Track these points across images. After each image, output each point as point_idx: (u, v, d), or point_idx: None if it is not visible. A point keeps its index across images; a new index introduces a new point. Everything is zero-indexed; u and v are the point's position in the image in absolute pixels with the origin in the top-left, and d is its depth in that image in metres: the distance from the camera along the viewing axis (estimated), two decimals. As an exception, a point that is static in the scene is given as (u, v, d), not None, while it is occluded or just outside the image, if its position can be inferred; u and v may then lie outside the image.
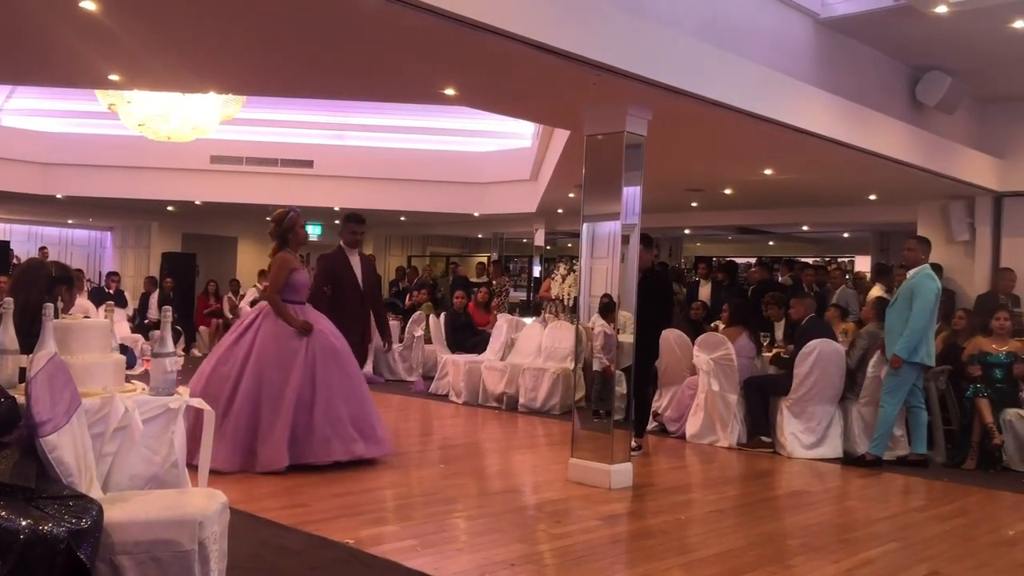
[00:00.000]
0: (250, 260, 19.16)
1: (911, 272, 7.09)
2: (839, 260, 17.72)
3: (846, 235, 16.82)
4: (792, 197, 11.78)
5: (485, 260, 17.57)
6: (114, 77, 6.63)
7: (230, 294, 15.50)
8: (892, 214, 11.87)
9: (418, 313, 12.17)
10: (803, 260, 15.16)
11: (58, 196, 14.67)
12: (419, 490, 5.66)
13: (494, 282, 13.38)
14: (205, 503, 2.88)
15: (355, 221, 7.02)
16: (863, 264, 16.61)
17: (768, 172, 9.45)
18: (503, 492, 5.89)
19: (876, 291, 8.60)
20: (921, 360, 6.92)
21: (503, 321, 10.67)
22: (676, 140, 7.40)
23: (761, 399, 7.60)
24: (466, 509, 5.26)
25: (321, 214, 16.88)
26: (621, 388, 6.65)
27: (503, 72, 5.68)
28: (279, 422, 5.73)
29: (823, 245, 18.70)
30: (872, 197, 11.21)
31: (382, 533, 4.58)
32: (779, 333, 8.61)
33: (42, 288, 3.52)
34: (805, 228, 15.52)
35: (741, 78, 6.22)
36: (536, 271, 16.28)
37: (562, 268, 10.93)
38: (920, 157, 8.23)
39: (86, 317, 4.06)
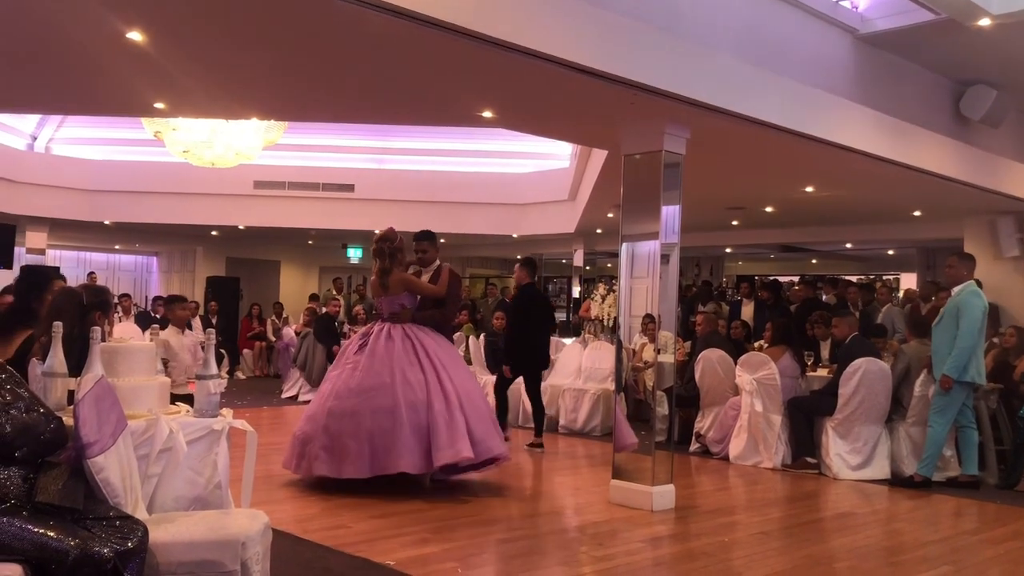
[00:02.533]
0: (293, 284, 19.40)
1: (956, 289, 6.96)
2: (884, 278, 17.45)
3: (891, 252, 16.57)
4: (835, 214, 11.65)
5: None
6: (160, 105, 6.79)
7: (273, 317, 15.68)
8: (938, 230, 11.68)
9: (458, 334, 12.19)
10: (847, 278, 14.96)
11: (106, 222, 15.01)
12: (459, 512, 5.64)
13: None
14: (248, 524, 2.90)
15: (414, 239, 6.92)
16: (908, 281, 16.32)
17: (810, 189, 9.36)
18: (544, 514, 5.86)
19: None
20: (971, 379, 6.77)
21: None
22: (715, 158, 7.37)
23: (806, 420, 7.48)
24: (507, 531, 5.24)
25: (362, 237, 17.05)
26: (663, 409, 6.61)
27: (541, 94, 5.71)
28: (484, 415, 6.18)
29: (867, 263, 18.42)
30: (917, 213, 11.04)
31: (423, 555, 4.57)
32: (825, 352, 8.48)
33: (74, 316, 3.57)
34: (849, 245, 15.31)
35: (780, 95, 6.18)
36: (575, 291, 16.25)
37: (601, 288, 10.92)
38: (966, 172, 8.09)
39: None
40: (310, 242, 18.82)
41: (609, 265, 19.21)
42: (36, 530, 2.46)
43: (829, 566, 4.73)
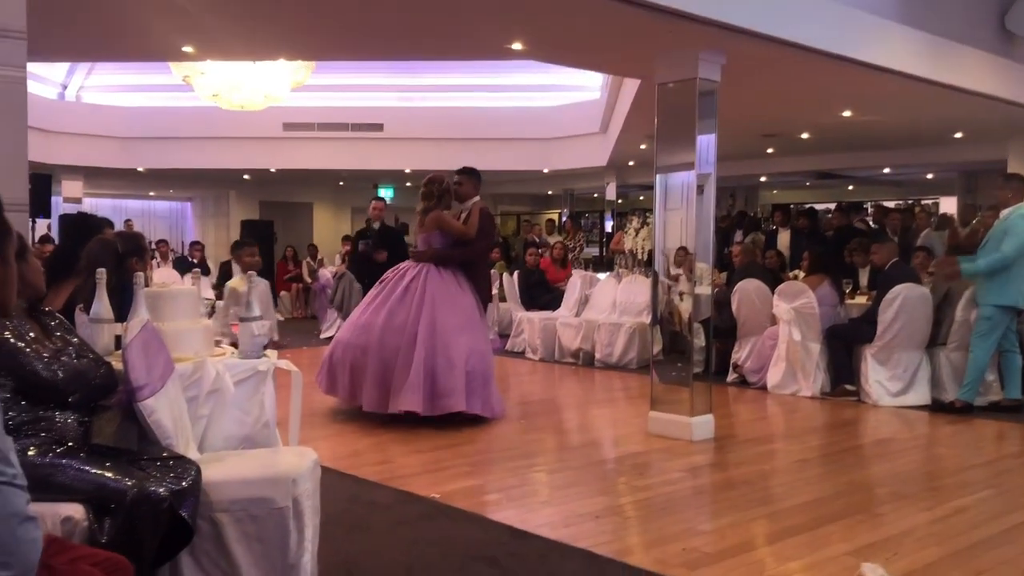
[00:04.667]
0: (326, 225, 19.49)
1: (1004, 212, 6.82)
2: (923, 202, 17.14)
3: (930, 176, 16.24)
4: (873, 139, 11.40)
5: (555, 217, 17.49)
6: (188, 49, 6.76)
7: (308, 259, 15.79)
8: (980, 152, 11.40)
9: (491, 271, 12.21)
10: (885, 204, 14.70)
11: (139, 169, 15.11)
12: (499, 446, 5.72)
13: (570, 241, 13.32)
14: (297, 461, 2.96)
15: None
16: (948, 205, 16.02)
17: (847, 114, 9.15)
18: (583, 446, 5.92)
19: None
20: (1013, 303, 6.67)
21: (577, 277, 10.65)
22: (750, 85, 7.22)
23: (844, 347, 7.44)
24: (547, 464, 5.31)
25: (393, 177, 17.02)
26: (699, 340, 6.61)
27: (571, 23, 5.60)
28: (455, 369, 6.02)
29: (906, 187, 18.10)
30: (958, 135, 10.78)
31: (466, 488, 4.66)
32: (864, 280, 8.39)
33: (111, 265, 3.60)
34: (887, 170, 15.03)
35: (818, 17, 6.00)
36: (608, 226, 16.17)
37: (635, 221, 10.82)
38: (1010, 90, 7.85)
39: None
40: (341, 183, 18.84)
41: (641, 198, 19.05)
42: (94, 471, 2.53)
43: (870, 492, 4.74)
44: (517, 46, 6.18)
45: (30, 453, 2.49)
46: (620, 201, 17.16)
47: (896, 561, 3.58)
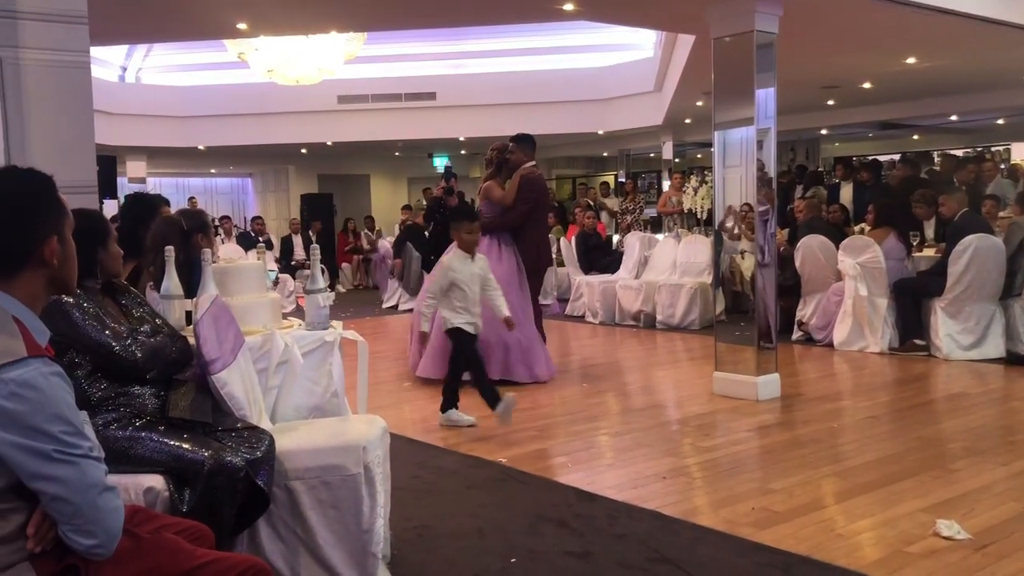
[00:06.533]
0: (384, 196, 19.63)
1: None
2: (993, 149, 16.52)
3: (1000, 121, 15.63)
4: (938, 85, 11.01)
5: (611, 179, 17.32)
6: (241, 26, 6.83)
7: (366, 230, 15.94)
8: (1055, 94, 10.94)
9: (548, 236, 12.16)
10: (952, 152, 14.24)
11: (200, 147, 15.36)
12: (563, 410, 5.75)
13: (630, 203, 13.19)
14: (367, 429, 3.01)
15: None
16: (1021, 152, 15.42)
17: (911, 61, 8.86)
18: (647, 408, 5.91)
19: None
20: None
21: (635, 239, 10.56)
22: (809, 35, 7.03)
23: (913, 301, 7.27)
24: (611, 426, 5.32)
25: (447, 145, 17.03)
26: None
27: (622, -19, 5.51)
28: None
29: (974, 135, 17.44)
30: (1031, 77, 10.34)
31: (532, 452, 4.69)
32: (929, 232, 8.16)
33: (177, 243, 3.66)
34: (954, 118, 14.50)
35: (879, -40, 5.80)
36: (665, 185, 15.97)
37: (693, 180, 10.68)
38: (1087, 28, 7.50)
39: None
40: (397, 154, 18.92)
41: (699, 156, 18.75)
42: (172, 443, 2.61)
43: (942, 447, 4.65)
44: (568, 6, 6.10)
45: (112, 427, 2.58)
46: (677, 160, 16.92)
47: (972, 517, 3.51)
